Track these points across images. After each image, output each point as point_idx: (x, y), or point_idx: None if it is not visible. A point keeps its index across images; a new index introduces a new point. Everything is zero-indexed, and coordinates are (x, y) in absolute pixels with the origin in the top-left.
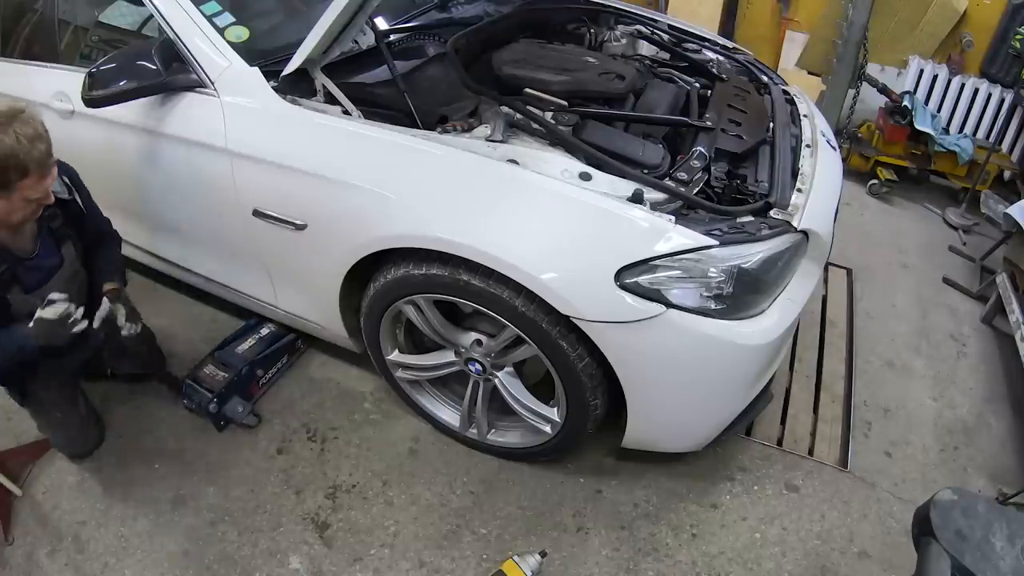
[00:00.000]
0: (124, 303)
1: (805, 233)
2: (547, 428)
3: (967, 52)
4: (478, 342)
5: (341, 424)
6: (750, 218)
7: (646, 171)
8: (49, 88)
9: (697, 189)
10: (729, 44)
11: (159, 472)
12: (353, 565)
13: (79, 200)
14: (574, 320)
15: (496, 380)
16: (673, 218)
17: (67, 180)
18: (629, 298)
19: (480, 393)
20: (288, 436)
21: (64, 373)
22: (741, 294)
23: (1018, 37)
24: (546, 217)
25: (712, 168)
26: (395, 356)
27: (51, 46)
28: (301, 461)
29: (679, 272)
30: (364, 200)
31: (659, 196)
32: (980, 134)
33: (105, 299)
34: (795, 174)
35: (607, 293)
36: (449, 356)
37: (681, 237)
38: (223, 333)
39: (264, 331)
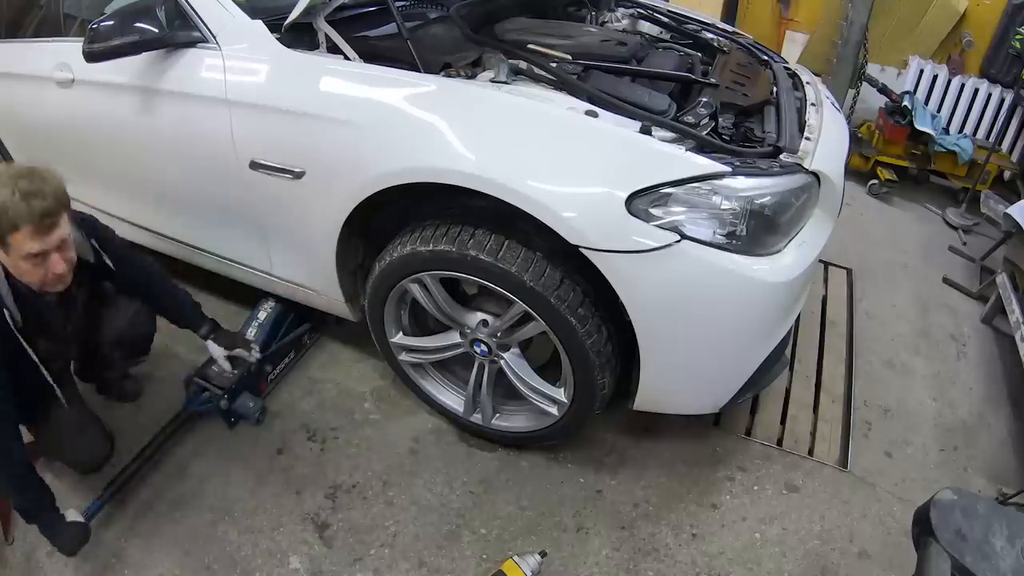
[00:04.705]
0: (225, 337)
1: (817, 177)
2: (553, 410)
3: (967, 52)
4: (484, 322)
5: (341, 424)
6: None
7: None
8: (52, 63)
9: (705, 133)
10: (729, 28)
11: (159, 472)
12: (353, 565)
13: (108, 261)
14: (583, 251)
15: (502, 362)
16: (684, 147)
17: (95, 243)
18: (641, 226)
19: (485, 376)
20: (288, 436)
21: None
22: (756, 233)
23: (1018, 37)
24: (556, 145)
25: (719, 118)
26: (399, 338)
27: None
28: (301, 461)
29: (691, 206)
30: (368, 138)
31: (667, 135)
32: (980, 134)
33: (214, 344)
34: (801, 129)
35: (618, 220)
36: (454, 337)
37: (693, 164)
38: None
39: (261, 315)
